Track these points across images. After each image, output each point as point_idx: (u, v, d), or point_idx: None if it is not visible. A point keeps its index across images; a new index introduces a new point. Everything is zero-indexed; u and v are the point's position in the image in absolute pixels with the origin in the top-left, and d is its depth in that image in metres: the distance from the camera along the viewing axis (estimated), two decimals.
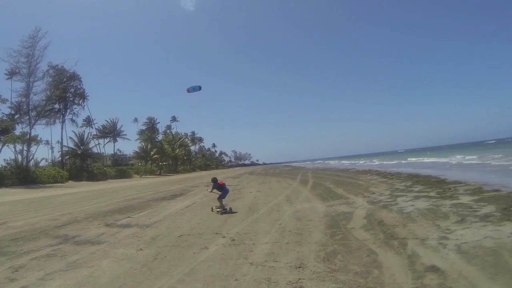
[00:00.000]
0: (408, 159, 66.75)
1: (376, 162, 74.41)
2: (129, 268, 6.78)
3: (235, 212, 13.56)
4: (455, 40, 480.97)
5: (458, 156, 50.05)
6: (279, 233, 9.06)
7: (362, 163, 75.52)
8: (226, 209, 13.83)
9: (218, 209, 13.89)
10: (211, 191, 14.83)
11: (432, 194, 13.74)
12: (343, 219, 10.22)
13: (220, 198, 14.26)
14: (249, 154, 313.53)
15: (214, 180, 14.96)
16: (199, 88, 27.57)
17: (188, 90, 27.26)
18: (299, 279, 5.51)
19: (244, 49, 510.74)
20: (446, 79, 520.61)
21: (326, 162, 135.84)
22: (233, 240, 8.67)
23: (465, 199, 11.64)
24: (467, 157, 44.48)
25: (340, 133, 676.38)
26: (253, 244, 8.10)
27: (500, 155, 37.36)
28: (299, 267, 6.08)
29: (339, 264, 6.09)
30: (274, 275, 5.75)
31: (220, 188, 14.60)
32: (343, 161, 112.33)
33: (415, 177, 22.97)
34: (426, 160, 55.77)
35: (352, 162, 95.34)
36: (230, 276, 5.86)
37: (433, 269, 5.44)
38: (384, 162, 66.42)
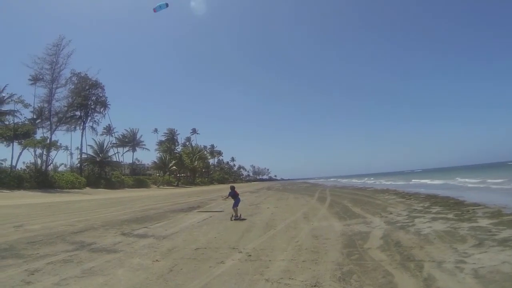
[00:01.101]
0: (413, 180, 66.20)
1: (383, 181, 74.56)
2: (144, 278, 6.80)
3: (244, 219, 16.16)
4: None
5: (459, 179, 50.25)
6: (296, 251, 9.01)
7: (371, 182, 76.19)
8: (238, 216, 16.45)
9: (232, 215, 16.51)
10: (227, 197, 17.46)
11: (450, 216, 13.58)
12: (360, 239, 10.15)
13: (234, 206, 16.76)
14: (267, 169, 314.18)
15: (232, 188, 17.58)
16: (166, 5, 26.93)
17: (155, 10, 26.84)
18: None
19: (264, 63, 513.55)
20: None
21: (338, 180, 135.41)
22: (250, 255, 8.64)
23: (484, 222, 11.51)
24: (470, 180, 44.13)
25: (352, 153, 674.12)
26: (269, 260, 8.07)
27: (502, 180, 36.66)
28: (315, 286, 6.05)
29: (355, 284, 6.04)
30: None
31: (234, 196, 17.05)
32: (354, 180, 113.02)
33: (433, 198, 22.74)
34: (429, 182, 55.27)
35: (362, 181, 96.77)
36: None
37: None
38: (388, 182, 66.41)
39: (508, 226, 10.50)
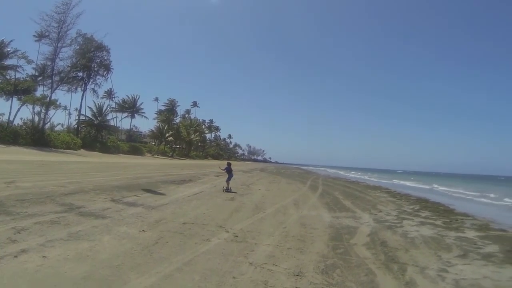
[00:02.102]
0: (394, 180, 66.67)
1: (366, 177, 75.95)
2: (129, 248, 6.83)
3: (235, 192, 19.01)
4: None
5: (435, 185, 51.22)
6: (282, 237, 9.07)
7: (357, 177, 77.20)
8: (229, 188, 19.41)
9: (224, 186, 19.61)
10: (224, 169, 20.82)
11: (439, 222, 13.62)
12: (347, 233, 10.20)
13: (227, 180, 19.91)
14: (263, 151, 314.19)
15: (228, 164, 21.03)
16: None
17: None
18: (296, 287, 5.52)
19: (267, 48, 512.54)
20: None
21: (327, 170, 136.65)
22: (236, 236, 8.69)
23: (471, 234, 11.54)
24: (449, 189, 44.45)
25: (346, 146, 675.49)
26: (255, 243, 8.12)
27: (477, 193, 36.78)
28: (297, 275, 6.07)
29: (337, 278, 6.07)
30: (272, 279, 5.75)
31: (229, 171, 20.32)
32: (341, 172, 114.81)
33: (423, 201, 22.83)
34: (408, 183, 56.20)
35: (344, 173, 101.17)
36: (228, 273, 5.88)
37: None
38: (373, 179, 66.93)
39: (493, 241, 10.51)
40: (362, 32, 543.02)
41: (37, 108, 62.18)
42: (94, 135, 77.24)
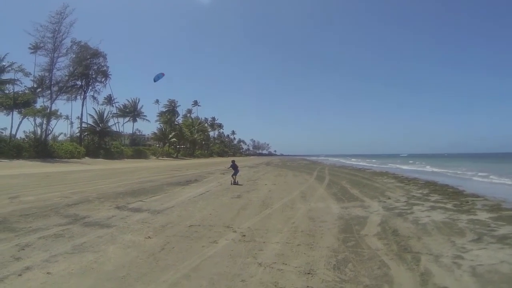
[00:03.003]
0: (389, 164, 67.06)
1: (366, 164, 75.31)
2: (135, 257, 6.68)
3: (241, 185, 21.49)
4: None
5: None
6: (291, 233, 8.89)
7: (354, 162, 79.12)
8: (236, 181, 22.14)
9: (232, 180, 22.33)
10: (229, 167, 23.91)
11: (449, 206, 13.40)
12: (357, 224, 10.01)
13: (233, 175, 22.67)
14: (267, 144, 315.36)
15: (233, 162, 24.04)
16: (162, 75, 28.55)
17: (155, 80, 28.62)
18: (307, 286, 5.34)
19: (266, 40, 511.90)
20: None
21: (339, 160, 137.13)
22: (244, 236, 8.53)
23: (483, 216, 11.30)
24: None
25: (354, 133, 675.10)
26: (264, 242, 7.95)
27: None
28: (308, 273, 5.90)
29: (350, 274, 5.89)
30: (282, 280, 5.59)
31: (234, 168, 23.13)
32: (342, 160, 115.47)
33: (432, 185, 22.53)
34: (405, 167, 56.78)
35: (345, 160, 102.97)
36: (237, 276, 5.72)
37: None
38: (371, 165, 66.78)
39: (507, 222, 10.29)
40: (363, 25, 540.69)
41: (39, 120, 62.19)
42: (97, 142, 77.68)
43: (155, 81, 27.57)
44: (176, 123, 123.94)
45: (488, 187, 22.48)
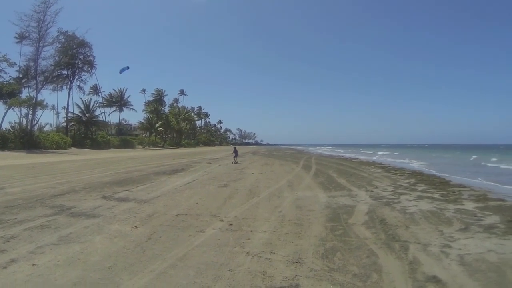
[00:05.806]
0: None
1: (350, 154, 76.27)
2: (121, 247, 6.62)
3: (240, 163, 28.31)
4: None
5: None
6: (279, 222, 8.87)
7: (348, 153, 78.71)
8: (237, 162, 31.99)
9: (233, 161, 32.28)
10: (233, 152, 34.41)
11: (436, 195, 13.44)
12: (344, 213, 10.01)
13: (235, 156, 33.36)
14: (254, 134, 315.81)
15: (234, 147, 34.58)
16: (127, 67, 29.20)
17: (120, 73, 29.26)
18: (296, 275, 5.30)
19: (253, 34, 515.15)
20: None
21: (315, 148, 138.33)
22: (231, 225, 8.49)
23: (470, 205, 11.34)
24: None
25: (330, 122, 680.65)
26: (251, 231, 7.92)
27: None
28: (297, 262, 5.87)
29: (338, 263, 5.87)
30: (270, 269, 5.55)
31: (235, 151, 34.33)
32: (328, 149, 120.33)
33: (419, 175, 22.73)
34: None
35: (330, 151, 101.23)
36: (225, 266, 5.68)
37: (434, 280, 5.18)
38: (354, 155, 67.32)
39: (493, 211, 10.34)
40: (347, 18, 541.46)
41: (24, 111, 61.47)
42: (83, 132, 77.40)
43: (120, 73, 28.13)
44: (163, 112, 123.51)
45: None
